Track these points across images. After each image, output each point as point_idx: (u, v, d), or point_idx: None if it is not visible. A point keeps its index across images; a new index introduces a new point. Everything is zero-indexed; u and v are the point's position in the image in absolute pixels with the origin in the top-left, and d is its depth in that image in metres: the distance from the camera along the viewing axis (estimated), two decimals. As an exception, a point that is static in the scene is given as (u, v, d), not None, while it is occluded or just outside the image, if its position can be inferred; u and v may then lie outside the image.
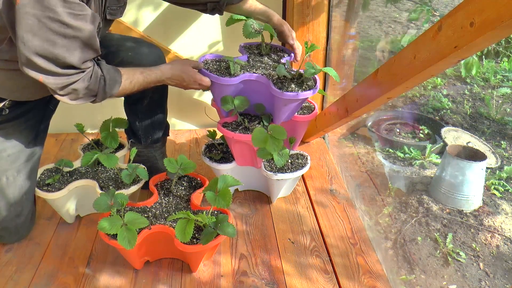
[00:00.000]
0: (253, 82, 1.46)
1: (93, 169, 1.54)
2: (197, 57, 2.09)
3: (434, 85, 3.23)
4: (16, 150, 1.35)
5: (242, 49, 1.61)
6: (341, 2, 2.08)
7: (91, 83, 1.20)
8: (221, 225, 1.24)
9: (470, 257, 1.95)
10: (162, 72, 1.37)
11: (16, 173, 1.35)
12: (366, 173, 2.48)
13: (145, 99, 1.55)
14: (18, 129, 1.35)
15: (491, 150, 2.56)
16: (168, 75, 1.38)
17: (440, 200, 2.27)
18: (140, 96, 1.54)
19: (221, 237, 1.24)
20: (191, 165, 1.41)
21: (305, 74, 1.42)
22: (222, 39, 2.07)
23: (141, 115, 1.60)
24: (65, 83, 1.15)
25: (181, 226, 1.19)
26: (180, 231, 1.19)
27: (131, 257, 1.31)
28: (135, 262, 1.33)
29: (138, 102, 1.57)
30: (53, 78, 1.13)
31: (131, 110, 1.62)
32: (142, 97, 1.54)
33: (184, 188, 1.46)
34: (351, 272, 1.35)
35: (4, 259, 1.40)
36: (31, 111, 1.38)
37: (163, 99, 1.63)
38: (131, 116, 1.62)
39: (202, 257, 1.31)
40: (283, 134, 1.41)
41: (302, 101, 1.47)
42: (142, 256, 1.34)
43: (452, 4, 2.94)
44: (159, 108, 1.62)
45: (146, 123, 1.62)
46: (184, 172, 1.40)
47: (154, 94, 1.56)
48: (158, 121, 1.64)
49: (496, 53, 2.98)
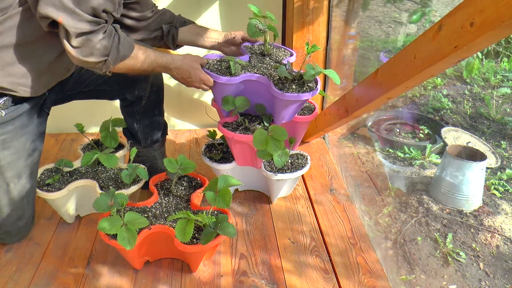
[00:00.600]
0: (254, 83, 1.46)
1: (93, 169, 1.54)
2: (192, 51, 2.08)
3: (434, 85, 3.22)
4: (16, 157, 1.34)
5: (244, 49, 1.61)
6: (341, 2, 2.08)
7: (106, 37, 1.17)
8: (221, 225, 1.24)
9: (470, 257, 1.95)
10: (173, 59, 1.38)
11: (17, 179, 1.35)
12: (366, 173, 2.48)
13: (142, 100, 1.55)
14: (16, 135, 1.33)
15: (491, 150, 2.56)
16: (177, 65, 1.38)
17: (440, 200, 2.26)
18: (136, 98, 1.54)
19: (221, 237, 1.24)
20: (191, 165, 1.40)
21: (305, 77, 1.40)
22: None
23: (138, 117, 1.60)
24: (83, 30, 1.12)
25: (181, 226, 1.19)
26: (180, 231, 1.19)
27: (131, 257, 1.31)
28: (135, 262, 1.33)
29: (134, 104, 1.57)
30: (73, 20, 1.10)
31: (128, 113, 1.61)
32: (138, 98, 1.54)
33: (184, 188, 1.46)
34: (351, 272, 1.35)
35: (4, 259, 1.40)
36: (26, 115, 1.36)
37: (160, 99, 1.63)
38: (128, 119, 1.62)
39: (202, 257, 1.31)
40: (284, 136, 1.41)
41: (303, 102, 1.47)
42: (142, 256, 1.34)
43: (452, 4, 2.94)
44: (156, 108, 1.62)
45: (144, 124, 1.62)
46: (184, 172, 1.40)
47: (151, 95, 1.56)
48: (156, 121, 1.64)
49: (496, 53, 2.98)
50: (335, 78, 1.41)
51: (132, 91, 1.53)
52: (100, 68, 1.22)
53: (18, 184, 1.36)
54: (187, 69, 1.39)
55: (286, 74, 1.42)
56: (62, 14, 1.09)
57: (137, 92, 1.52)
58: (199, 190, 1.43)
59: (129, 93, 1.54)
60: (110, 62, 1.20)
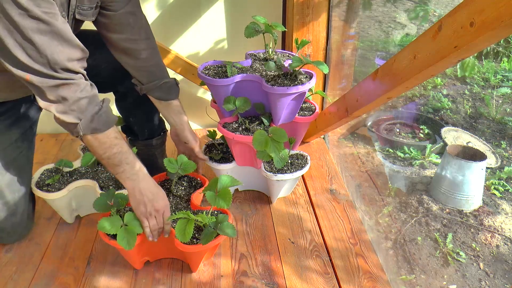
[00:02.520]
0: (250, 83, 1.48)
1: (93, 169, 1.54)
2: (197, 56, 2.09)
3: (434, 85, 3.22)
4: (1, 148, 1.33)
5: (248, 56, 1.66)
6: (341, 2, 2.08)
7: (83, 97, 1.10)
8: (221, 225, 1.24)
9: (470, 257, 1.95)
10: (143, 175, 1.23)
11: (4, 171, 1.34)
12: (366, 173, 2.48)
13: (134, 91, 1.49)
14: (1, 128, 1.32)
15: (491, 150, 2.56)
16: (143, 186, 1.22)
17: (440, 200, 2.26)
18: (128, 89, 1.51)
19: (221, 237, 1.24)
20: (191, 165, 1.40)
21: (290, 67, 1.44)
22: (222, 38, 2.07)
23: (132, 110, 1.61)
24: (55, 83, 1.06)
25: (181, 226, 1.19)
26: (180, 231, 1.19)
27: (131, 257, 1.31)
28: (135, 262, 1.33)
29: (127, 96, 1.56)
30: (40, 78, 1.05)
31: (122, 107, 1.62)
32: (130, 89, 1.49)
33: (184, 188, 1.46)
34: (351, 272, 1.35)
35: (4, 259, 1.40)
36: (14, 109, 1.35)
37: None
38: (123, 113, 1.63)
39: (202, 257, 1.31)
40: (283, 137, 1.41)
41: (297, 97, 1.48)
42: (142, 256, 1.34)
43: (452, 4, 2.94)
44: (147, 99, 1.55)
45: (139, 117, 1.62)
46: (184, 172, 1.40)
47: None
48: (151, 111, 1.62)
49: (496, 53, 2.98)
50: (323, 68, 1.43)
51: (123, 82, 1.50)
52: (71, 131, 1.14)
53: (6, 177, 1.35)
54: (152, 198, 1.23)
55: (274, 68, 1.46)
56: (28, 74, 1.04)
57: (127, 83, 1.47)
58: (199, 190, 1.43)
59: (121, 85, 1.52)
60: (81, 127, 1.11)
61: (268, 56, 1.64)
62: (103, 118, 1.15)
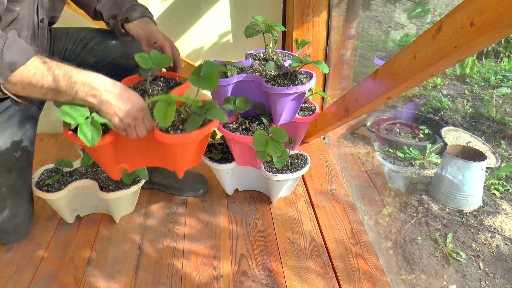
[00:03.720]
0: (250, 83, 1.48)
1: (93, 169, 1.54)
2: (197, 56, 2.09)
3: (434, 85, 3.22)
4: (3, 151, 1.32)
5: (248, 56, 1.65)
6: (341, 2, 2.08)
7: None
8: (210, 110, 1.04)
9: (470, 257, 1.95)
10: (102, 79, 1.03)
11: (6, 174, 1.34)
12: (366, 173, 2.48)
13: None
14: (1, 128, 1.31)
15: (491, 150, 2.56)
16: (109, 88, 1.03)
17: (440, 200, 2.26)
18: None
19: (210, 125, 1.05)
20: (166, 58, 1.20)
21: (290, 67, 1.44)
22: (222, 38, 2.07)
23: None
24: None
25: (160, 109, 0.97)
26: (159, 114, 0.97)
27: (104, 163, 1.13)
28: (111, 171, 1.15)
29: None
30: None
31: None
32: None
33: (161, 88, 1.24)
34: (351, 272, 1.35)
35: (4, 259, 1.40)
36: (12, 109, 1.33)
37: None
38: None
39: (189, 154, 1.10)
40: (284, 137, 1.41)
41: (297, 97, 1.48)
42: (118, 163, 1.15)
43: (452, 4, 2.94)
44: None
45: None
46: (159, 67, 1.19)
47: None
48: None
49: (496, 53, 2.98)
50: (323, 68, 1.43)
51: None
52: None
53: (9, 179, 1.34)
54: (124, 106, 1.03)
55: (274, 68, 1.46)
56: None
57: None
58: (178, 87, 1.22)
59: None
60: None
61: (268, 56, 1.64)
62: (15, 48, 0.96)
